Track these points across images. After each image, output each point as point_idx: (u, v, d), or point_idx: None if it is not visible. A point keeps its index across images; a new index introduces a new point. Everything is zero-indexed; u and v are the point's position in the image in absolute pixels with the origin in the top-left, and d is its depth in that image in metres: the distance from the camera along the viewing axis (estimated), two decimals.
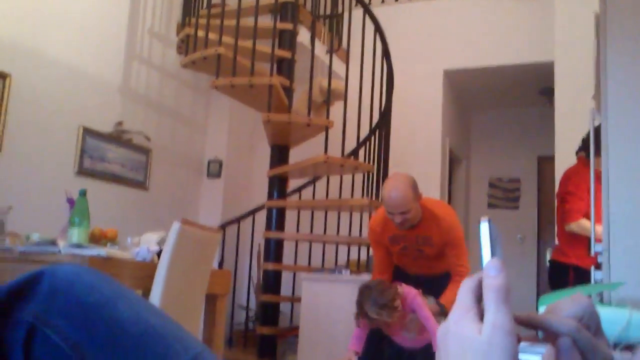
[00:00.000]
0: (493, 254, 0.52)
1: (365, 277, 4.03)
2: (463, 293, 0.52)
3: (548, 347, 0.53)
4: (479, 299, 0.52)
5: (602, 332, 0.51)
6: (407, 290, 2.85)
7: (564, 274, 3.38)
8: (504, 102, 7.04)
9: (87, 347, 0.68)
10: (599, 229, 2.61)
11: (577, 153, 3.56)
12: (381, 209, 3.02)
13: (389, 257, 3.18)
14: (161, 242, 2.88)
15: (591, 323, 0.51)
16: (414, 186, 2.86)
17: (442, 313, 2.98)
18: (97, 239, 2.97)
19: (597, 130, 3.51)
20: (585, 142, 3.51)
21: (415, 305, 2.81)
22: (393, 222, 2.88)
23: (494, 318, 0.48)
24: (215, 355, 0.77)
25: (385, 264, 3.20)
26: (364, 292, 2.76)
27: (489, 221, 0.53)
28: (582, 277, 3.23)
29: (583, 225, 3.27)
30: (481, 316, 0.50)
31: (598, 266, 2.39)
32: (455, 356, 0.49)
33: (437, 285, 3.03)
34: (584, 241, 3.34)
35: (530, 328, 0.51)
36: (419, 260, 3.10)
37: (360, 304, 2.74)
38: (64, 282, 0.72)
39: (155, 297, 2.52)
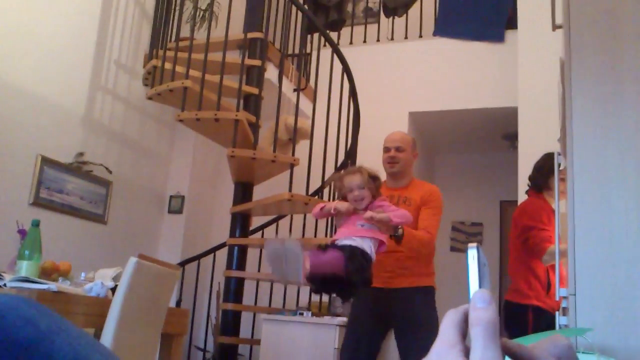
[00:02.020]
0: (481, 284, 0.47)
1: (327, 320, 3.95)
2: (446, 327, 0.47)
3: None
4: (464, 334, 0.47)
5: None
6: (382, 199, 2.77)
7: (522, 316, 3.25)
8: (467, 146, 7.12)
9: None
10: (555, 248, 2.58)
11: (527, 192, 3.56)
12: None
13: None
14: (117, 278, 2.77)
15: None
16: (414, 140, 3.26)
17: (397, 236, 2.80)
18: (48, 272, 2.83)
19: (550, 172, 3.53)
20: (532, 178, 3.51)
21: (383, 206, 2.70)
22: (385, 159, 3.13)
23: (481, 356, 0.43)
24: None
25: None
26: (362, 167, 2.75)
27: (478, 248, 0.48)
28: (541, 318, 3.15)
29: (552, 251, 3.09)
30: (466, 353, 0.45)
31: (562, 311, 2.36)
32: None
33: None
34: (544, 279, 3.28)
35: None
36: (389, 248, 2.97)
37: (356, 168, 2.73)
38: None
39: (108, 335, 2.40)
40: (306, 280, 2.42)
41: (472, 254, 0.47)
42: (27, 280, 2.33)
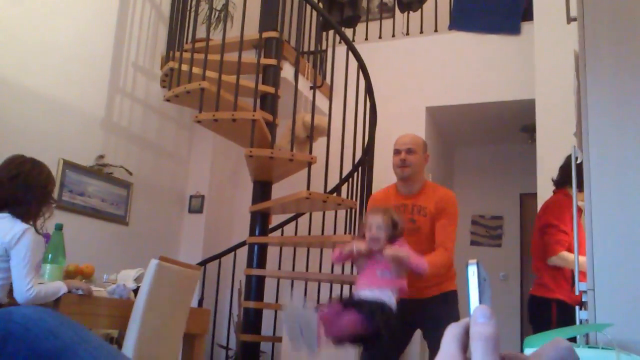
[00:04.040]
0: (481, 299, 0.48)
1: None
2: (447, 340, 0.48)
3: None
4: (464, 347, 0.48)
5: None
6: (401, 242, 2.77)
7: (546, 309, 3.29)
8: (486, 139, 7.08)
9: None
10: (583, 259, 2.58)
11: (555, 186, 3.52)
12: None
13: None
14: (139, 279, 2.82)
15: None
16: (425, 142, 3.13)
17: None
18: (72, 275, 2.89)
19: (578, 167, 3.50)
20: (563, 174, 3.46)
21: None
22: (395, 163, 3.00)
23: None
24: None
25: None
26: (389, 210, 2.75)
27: (478, 264, 0.49)
28: (565, 312, 3.14)
29: (564, 257, 3.21)
30: None
31: (582, 305, 2.36)
32: None
33: None
34: (569, 274, 3.28)
35: None
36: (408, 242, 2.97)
37: (383, 209, 2.71)
38: (19, 327, 0.67)
39: (131, 336, 2.44)
40: (327, 342, 2.40)
41: (472, 269, 0.48)
42: None
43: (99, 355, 0.69)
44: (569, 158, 3.43)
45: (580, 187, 2.64)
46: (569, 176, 3.34)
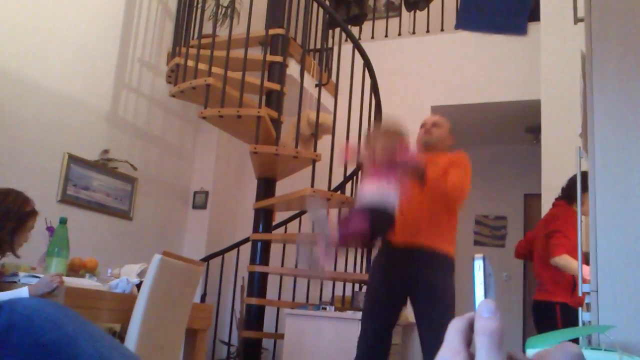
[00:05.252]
0: (486, 294, 0.48)
1: (350, 314, 3.97)
2: (451, 334, 0.48)
3: None
4: (468, 342, 0.48)
5: None
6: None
7: (551, 312, 3.40)
8: (491, 139, 7.07)
9: None
10: (587, 269, 2.58)
11: (557, 199, 3.64)
12: None
13: None
14: (142, 274, 2.83)
15: None
16: (451, 126, 3.31)
17: (419, 173, 2.83)
18: (76, 269, 2.91)
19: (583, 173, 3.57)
20: (565, 190, 3.63)
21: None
22: (420, 133, 3.18)
23: None
24: None
25: None
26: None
27: (484, 258, 0.49)
28: (569, 314, 3.30)
29: (566, 259, 3.35)
30: None
31: (585, 306, 2.35)
32: None
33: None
34: (569, 278, 3.41)
35: None
36: (414, 203, 2.94)
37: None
38: (22, 318, 0.67)
39: (133, 331, 2.45)
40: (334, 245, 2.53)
41: (479, 264, 0.48)
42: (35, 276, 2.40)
43: (101, 346, 0.69)
44: (572, 178, 3.57)
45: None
46: (569, 193, 3.56)
